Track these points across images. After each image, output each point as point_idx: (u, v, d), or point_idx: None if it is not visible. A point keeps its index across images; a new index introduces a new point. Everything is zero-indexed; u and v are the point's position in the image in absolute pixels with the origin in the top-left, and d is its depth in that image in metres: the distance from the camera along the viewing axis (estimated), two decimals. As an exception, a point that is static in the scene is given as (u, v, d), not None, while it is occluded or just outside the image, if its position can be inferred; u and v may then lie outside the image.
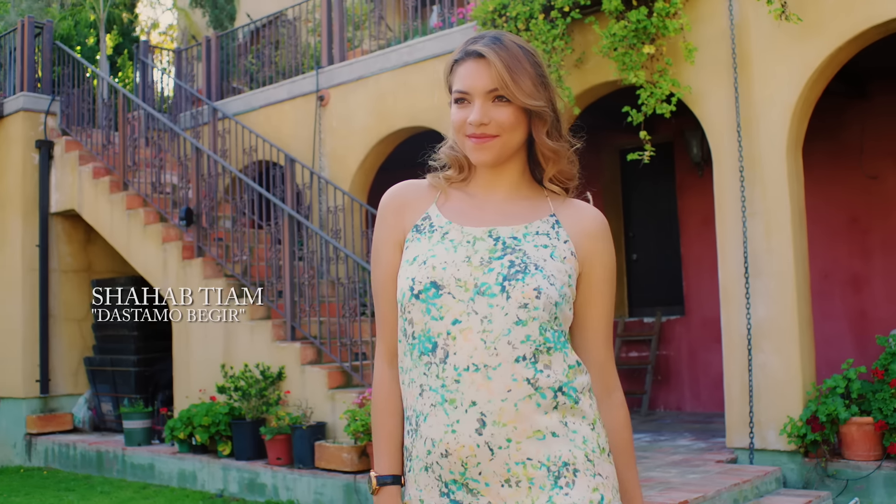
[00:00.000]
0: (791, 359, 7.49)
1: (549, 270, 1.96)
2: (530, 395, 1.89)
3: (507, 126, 1.98)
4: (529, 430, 1.88)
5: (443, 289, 1.95)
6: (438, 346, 1.93)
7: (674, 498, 6.12)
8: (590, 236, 2.05)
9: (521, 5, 8.56)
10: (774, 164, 7.65)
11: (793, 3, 7.48)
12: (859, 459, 7.16)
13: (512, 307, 1.91)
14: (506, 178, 2.09)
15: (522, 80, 1.96)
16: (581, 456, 1.92)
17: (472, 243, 2.00)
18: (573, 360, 1.98)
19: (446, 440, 1.90)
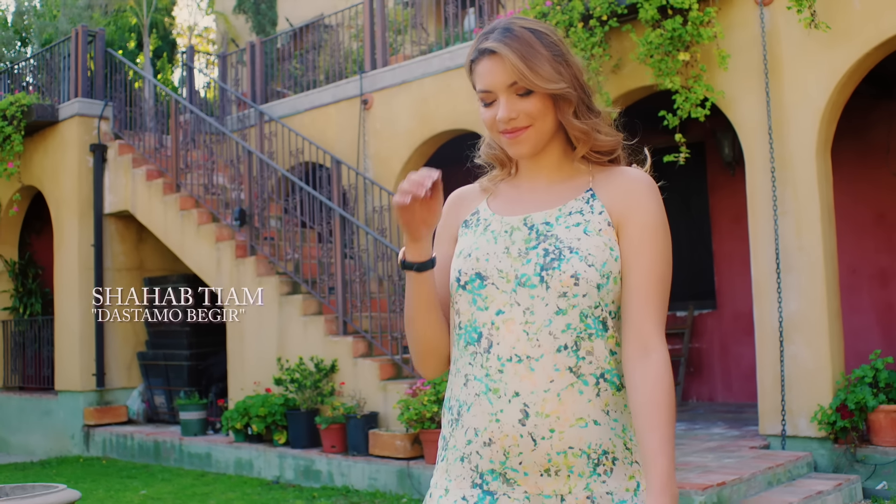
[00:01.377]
0: (821, 350, 7.88)
1: (586, 249, 1.94)
2: (573, 384, 1.90)
3: (537, 114, 1.96)
4: (572, 419, 1.89)
5: (487, 279, 1.96)
6: (483, 335, 1.95)
7: (712, 480, 6.54)
8: (623, 196, 2.00)
9: (560, 14, 8.97)
10: (804, 165, 8.04)
11: (822, 11, 7.86)
12: (887, 445, 7.54)
13: (552, 297, 1.91)
14: (546, 163, 2.08)
15: (540, 67, 1.94)
16: (620, 444, 1.93)
17: (510, 233, 2.01)
18: (611, 348, 1.96)
19: (490, 429, 1.91)
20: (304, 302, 9.82)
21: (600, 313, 1.94)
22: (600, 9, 8.67)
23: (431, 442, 7.91)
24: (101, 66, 13.01)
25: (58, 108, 12.87)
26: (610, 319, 1.96)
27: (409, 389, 8.19)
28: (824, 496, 6.85)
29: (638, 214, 1.98)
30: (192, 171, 11.87)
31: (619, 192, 2.00)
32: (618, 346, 1.97)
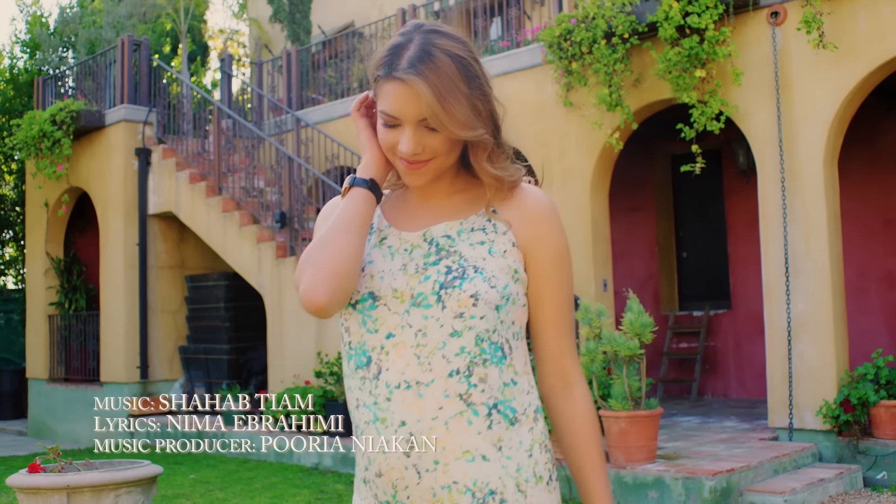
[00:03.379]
0: (826, 349, 8.44)
1: (490, 271, 1.84)
2: (462, 412, 1.79)
3: (443, 151, 1.83)
4: (458, 451, 1.79)
5: (379, 300, 1.86)
6: (373, 360, 1.84)
7: (722, 466, 7.13)
8: (531, 221, 1.91)
9: (584, 31, 9.56)
10: (812, 175, 8.60)
11: (829, 32, 8.42)
12: (887, 438, 8.09)
13: (447, 318, 1.80)
14: (444, 176, 1.94)
15: (457, 109, 1.78)
16: (511, 485, 1.81)
17: (410, 251, 1.90)
18: (510, 378, 1.86)
19: (379, 461, 1.82)
20: (342, 300, 10.43)
21: (498, 338, 1.84)
22: (622, 27, 9.26)
23: (462, 431, 8.51)
24: (145, 73, 13.67)
25: (104, 113, 13.54)
26: (509, 346, 1.87)
27: (442, 382, 8.80)
28: (826, 483, 7.42)
29: (547, 243, 1.92)
30: (232, 174, 12.52)
31: (526, 214, 1.92)
32: (517, 375, 1.87)
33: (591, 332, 7.67)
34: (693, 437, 8.83)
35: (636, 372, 7.47)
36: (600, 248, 10.14)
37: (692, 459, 7.55)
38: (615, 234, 12.27)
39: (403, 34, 1.85)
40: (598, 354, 7.51)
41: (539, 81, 10.55)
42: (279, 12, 15.76)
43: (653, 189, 13.06)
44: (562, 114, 10.28)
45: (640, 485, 7.24)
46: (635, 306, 7.53)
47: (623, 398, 7.34)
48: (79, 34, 17.42)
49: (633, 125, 9.65)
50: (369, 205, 1.89)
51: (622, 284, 11.85)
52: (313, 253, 1.85)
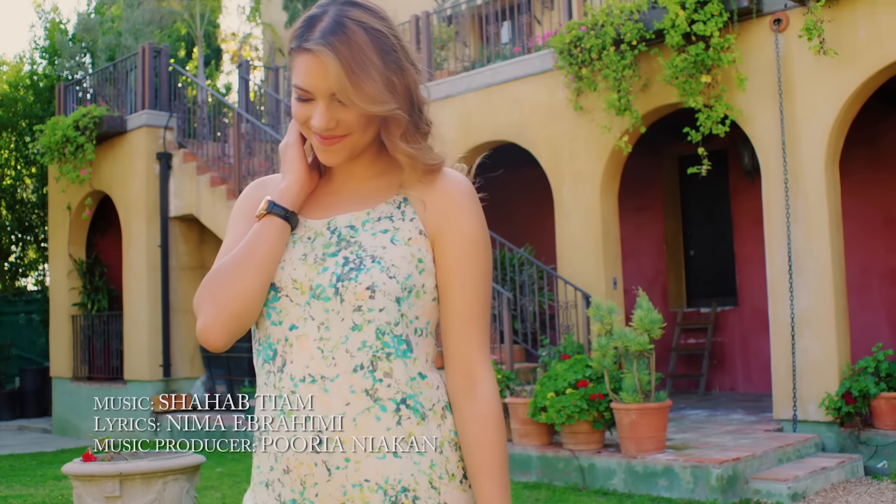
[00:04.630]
0: (828, 343, 8.79)
1: (390, 260, 1.77)
2: (369, 409, 1.73)
3: (357, 126, 1.76)
4: (369, 448, 1.74)
5: (281, 291, 1.80)
6: (277, 353, 1.78)
7: (728, 456, 7.49)
8: (441, 207, 1.83)
9: (594, 38, 9.91)
10: (814, 177, 8.94)
11: (830, 39, 8.76)
12: (887, 428, 8.43)
13: (347, 311, 1.75)
14: (361, 161, 1.88)
15: (367, 83, 1.71)
16: (425, 482, 1.76)
17: (312, 239, 1.84)
18: (417, 372, 1.79)
19: (287, 456, 1.76)
20: (360, 299, 10.80)
21: (402, 331, 1.77)
22: (630, 34, 9.61)
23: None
24: (165, 79, 14.05)
25: (126, 119, 13.92)
26: (416, 339, 1.80)
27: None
28: (828, 472, 7.78)
29: (457, 228, 1.83)
30: (251, 177, 12.89)
31: (437, 199, 1.84)
32: (425, 370, 1.82)
33: (602, 329, 8.04)
34: (701, 428, 9.19)
35: (646, 366, 7.83)
36: (610, 248, 10.50)
37: (700, 449, 7.91)
38: (624, 233, 12.63)
39: (320, 5, 1.78)
40: (609, 350, 7.87)
41: (550, 86, 10.90)
42: (294, 19, 16.12)
43: (661, 189, 13.42)
44: (572, 118, 10.63)
45: (651, 473, 7.60)
46: (644, 303, 7.89)
47: (633, 391, 7.70)
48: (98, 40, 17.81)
49: (641, 129, 10.01)
50: (284, 236, 1.83)
51: (632, 282, 12.22)
52: (216, 289, 1.78)
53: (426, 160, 1.83)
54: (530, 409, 8.29)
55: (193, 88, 14.75)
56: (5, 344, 18.08)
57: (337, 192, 1.90)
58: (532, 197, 13.70)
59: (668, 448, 7.96)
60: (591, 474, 8.01)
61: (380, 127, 1.79)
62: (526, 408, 8.41)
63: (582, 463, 8.06)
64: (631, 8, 9.75)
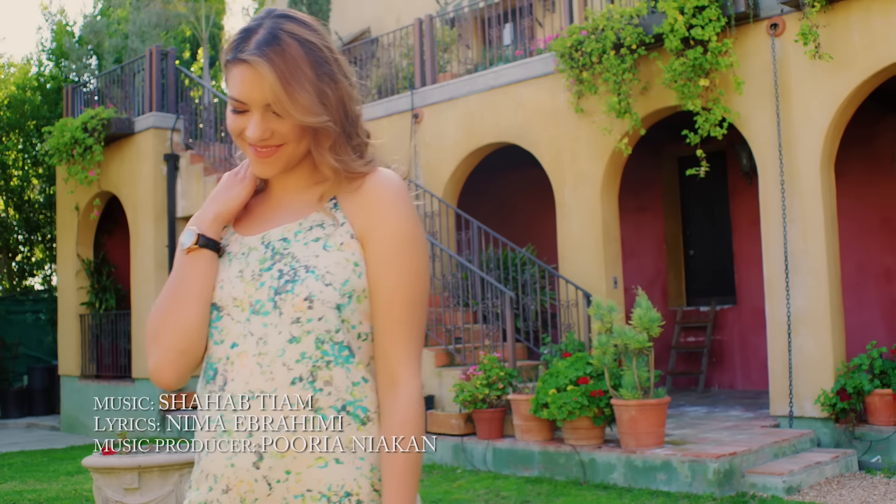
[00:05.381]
0: (824, 341, 8.99)
1: (324, 267, 1.78)
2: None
3: (291, 137, 1.79)
4: (311, 458, 1.74)
5: (222, 310, 1.82)
6: (219, 372, 1.80)
7: (725, 450, 7.70)
8: (368, 207, 1.83)
9: (594, 42, 10.11)
10: (810, 178, 9.14)
11: (825, 43, 8.96)
12: (881, 424, 8.63)
13: (285, 324, 1.76)
14: (297, 176, 1.90)
15: (300, 95, 1.74)
16: (367, 486, 1.77)
17: (247, 254, 1.85)
18: (359, 377, 1.80)
19: (227, 475, 1.76)
20: (366, 298, 11.02)
21: (343, 338, 1.78)
22: (630, 38, 9.81)
23: (483, 420, 9.09)
24: (172, 82, 14.26)
25: (134, 120, 14.13)
26: (358, 344, 1.81)
27: (463, 375, 9.37)
28: (822, 466, 7.98)
29: (382, 226, 1.81)
30: (258, 178, 13.09)
31: (364, 200, 1.83)
32: (367, 374, 1.82)
33: (602, 327, 8.24)
34: (699, 425, 9.40)
35: (645, 364, 8.04)
36: (611, 248, 10.70)
37: (698, 444, 8.12)
38: (625, 233, 12.85)
39: (256, 19, 1.82)
40: (609, 347, 8.08)
41: (552, 89, 11.10)
42: (299, 21, 16.33)
43: (661, 189, 13.63)
44: (573, 120, 10.84)
45: (650, 468, 7.81)
46: (644, 302, 8.10)
47: (633, 388, 7.90)
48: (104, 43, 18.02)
49: (641, 131, 10.22)
50: (213, 265, 1.86)
51: (632, 281, 12.43)
52: (158, 330, 1.84)
53: (351, 170, 1.83)
54: (532, 406, 8.50)
55: (199, 90, 14.96)
56: (13, 342, 18.28)
57: (273, 206, 1.91)
58: (534, 197, 13.92)
59: (666, 443, 8.17)
60: (591, 469, 8.22)
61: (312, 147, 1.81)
62: (528, 404, 8.62)
63: (583, 458, 8.27)
64: (631, 12, 9.95)
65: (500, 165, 13.59)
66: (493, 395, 9.07)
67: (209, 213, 1.90)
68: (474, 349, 10.20)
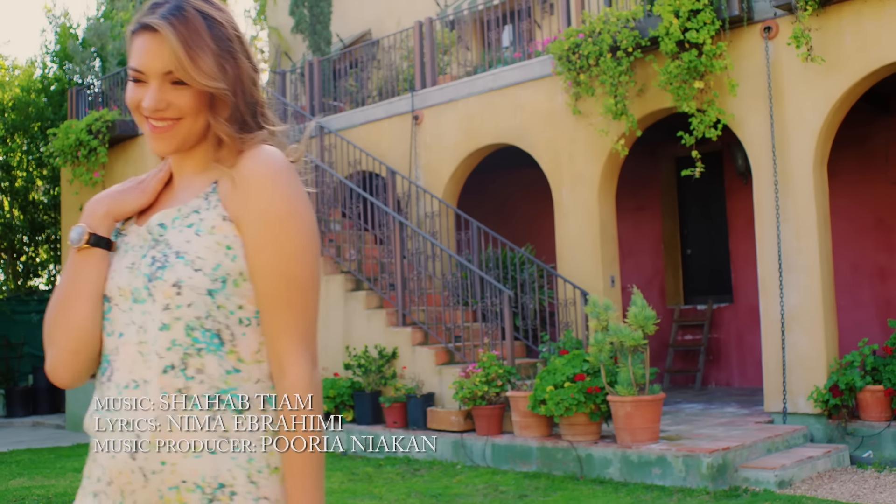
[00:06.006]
0: (817, 338, 9.16)
1: (194, 252, 1.74)
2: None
3: (189, 110, 1.76)
4: (185, 448, 1.70)
5: (111, 301, 1.81)
6: (108, 364, 1.78)
7: (719, 445, 7.87)
8: (242, 187, 1.77)
9: (591, 45, 10.27)
10: (803, 179, 9.31)
11: (817, 46, 9.13)
12: (872, 420, 8.80)
13: (157, 311, 1.73)
14: (193, 161, 1.87)
15: (202, 60, 1.74)
16: (242, 476, 1.72)
17: (137, 244, 1.84)
18: (232, 365, 1.75)
19: (109, 467, 1.74)
20: (367, 297, 11.21)
21: (213, 325, 1.74)
22: (626, 41, 9.98)
23: (482, 417, 9.26)
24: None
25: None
26: (230, 333, 1.76)
27: (462, 372, 9.53)
28: (814, 461, 8.15)
29: (255, 205, 1.75)
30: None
31: (239, 182, 1.78)
32: (242, 363, 1.77)
33: (599, 325, 8.42)
34: (695, 421, 9.57)
35: (640, 361, 8.21)
36: (608, 248, 10.87)
37: (692, 440, 8.29)
38: (623, 232, 13.01)
39: None
40: (605, 345, 8.25)
41: (550, 91, 11.27)
42: (300, 24, 16.51)
43: (658, 189, 13.80)
44: (571, 121, 11.01)
45: (645, 462, 7.98)
46: (639, 300, 8.27)
47: (628, 384, 8.07)
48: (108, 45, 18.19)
49: (637, 132, 10.38)
50: (105, 262, 1.84)
51: (630, 280, 12.60)
52: (52, 329, 1.83)
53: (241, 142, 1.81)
54: (530, 402, 8.67)
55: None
56: (18, 342, 18.45)
57: (170, 194, 1.88)
58: (532, 198, 14.09)
59: (661, 439, 8.34)
60: (588, 464, 8.39)
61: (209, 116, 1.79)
62: (526, 401, 8.79)
63: (580, 453, 8.44)
64: (627, 16, 10.12)
65: (500, 166, 13.76)
66: (492, 393, 9.24)
67: (101, 208, 1.87)
68: (474, 347, 10.37)
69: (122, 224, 1.90)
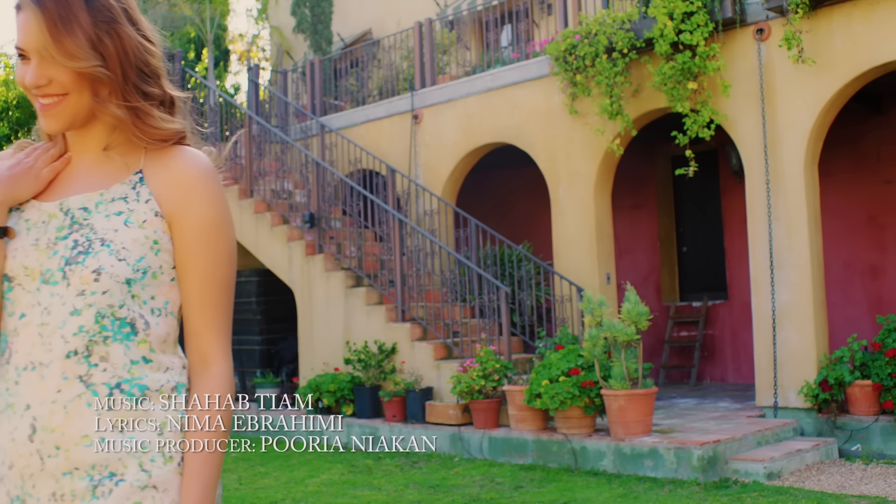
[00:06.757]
0: (807, 334, 9.36)
1: (121, 242, 1.75)
2: (81, 395, 1.70)
3: (71, 86, 1.73)
4: (78, 436, 1.69)
5: (14, 280, 1.77)
6: (7, 344, 1.76)
7: (710, 438, 8.08)
8: (177, 187, 1.80)
9: (587, 46, 10.47)
10: (794, 178, 9.50)
11: (808, 48, 9.32)
12: (861, 414, 9.00)
13: (70, 295, 1.72)
14: (93, 137, 1.84)
15: (68, 39, 1.69)
16: (134, 465, 1.71)
17: (47, 223, 1.80)
18: (140, 355, 1.75)
19: (9, 450, 1.72)
20: (367, 293, 11.41)
21: (127, 313, 1.75)
22: (621, 43, 10.18)
23: (480, 411, 9.47)
24: (178, 83, 14.62)
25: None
26: (144, 322, 1.77)
27: (460, 367, 9.74)
28: (803, 453, 8.35)
29: (193, 211, 1.80)
30: (262, 177, 13.48)
31: (173, 180, 1.80)
32: (153, 352, 1.77)
33: (593, 321, 8.62)
34: (688, 415, 9.77)
35: (633, 356, 8.41)
36: (603, 245, 11.08)
37: (684, 433, 8.50)
38: (620, 230, 13.22)
39: None
40: (599, 340, 8.45)
41: (547, 91, 11.47)
42: (302, 23, 16.70)
43: (655, 187, 14.00)
44: (568, 121, 11.20)
45: (637, 455, 8.18)
46: (632, 297, 8.47)
47: (622, 379, 8.28)
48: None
49: (632, 132, 10.58)
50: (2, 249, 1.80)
51: (627, 277, 12.80)
52: None
53: (145, 123, 1.79)
54: (526, 396, 8.87)
55: (204, 91, 15.33)
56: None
57: (72, 172, 1.85)
58: (530, 196, 14.30)
59: (654, 432, 8.54)
60: (582, 456, 8.59)
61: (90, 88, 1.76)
62: (522, 395, 8.99)
63: (574, 446, 8.64)
64: (622, 18, 10.31)
65: (498, 165, 13.96)
66: (489, 387, 9.45)
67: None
68: (471, 343, 10.58)
69: None
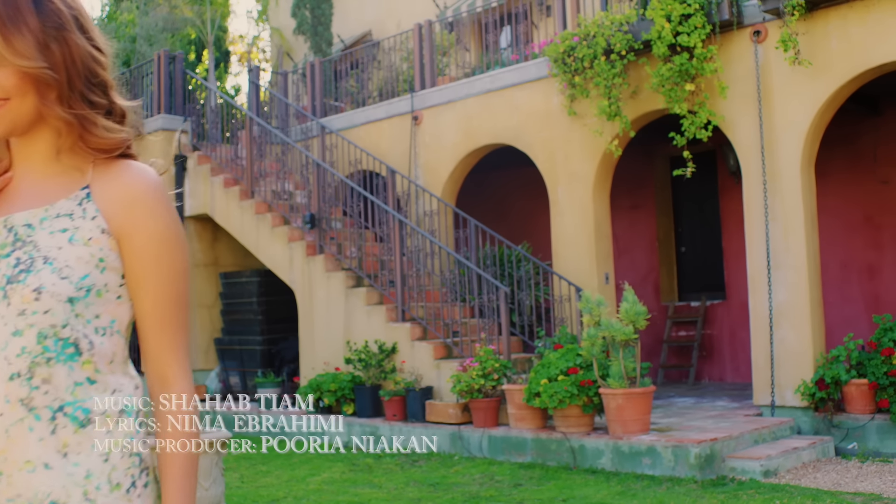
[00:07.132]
0: (804, 334, 9.44)
1: (64, 260, 1.69)
2: (23, 419, 1.65)
3: (12, 90, 1.69)
4: (21, 462, 1.65)
5: None
6: None
7: (707, 436, 8.16)
8: (125, 204, 1.74)
9: (586, 48, 10.55)
10: (791, 179, 9.58)
11: (804, 50, 9.40)
12: (857, 413, 9.08)
13: (11, 315, 1.66)
14: (37, 150, 1.78)
15: (16, 38, 1.66)
16: (78, 494, 1.66)
17: None
18: (85, 377, 1.70)
19: None
20: (367, 293, 11.50)
21: (70, 334, 1.69)
22: (620, 45, 10.26)
23: (479, 409, 9.55)
24: (179, 85, 14.72)
25: (142, 122, 14.57)
26: (89, 342, 1.71)
27: (460, 366, 9.82)
28: (800, 451, 8.43)
29: (143, 228, 1.75)
30: (263, 178, 13.56)
31: (120, 196, 1.75)
32: (99, 373, 1.72)
33: (591, 320, 8.70)
34: (686, 414, 9.85)
35: (632, 355, 8.49)
36: (602, 245, 11.16)
37: (682, 431, 8.58)
38: (619, 230, 13.30)
39: None
40: (597, 339, 8.53)
41: (546, 92, 11.55)
42: (302, 25, 16.79)
43: (653, 188, 14.08)
44: (566, 122, 11.29)
45: (635, 453, 8.26)
46: (630, 296, 8.55)
47: (620, 378, 8.36)
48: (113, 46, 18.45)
49: (630, 133, 10.66)
50: None
51: (626, 277, 12.87)
52: None
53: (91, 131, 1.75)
54: (525, 395, 8.95)
55: (205, 92, 15.41)
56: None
57: (17, 187, 1.79)
58: (529, 196, 14.38)
59: (652, 430, 8.62)
60: (581, 454, 8.67)
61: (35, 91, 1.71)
62: (521, 394, 9.08)
63: (573, 444, 8.72)
64: (621, 20, 10.39)
65: (497, 166, 14.05)
66: (489, 386, 9.53)
67: None
68: (471, 342, 10.66)
69: None
